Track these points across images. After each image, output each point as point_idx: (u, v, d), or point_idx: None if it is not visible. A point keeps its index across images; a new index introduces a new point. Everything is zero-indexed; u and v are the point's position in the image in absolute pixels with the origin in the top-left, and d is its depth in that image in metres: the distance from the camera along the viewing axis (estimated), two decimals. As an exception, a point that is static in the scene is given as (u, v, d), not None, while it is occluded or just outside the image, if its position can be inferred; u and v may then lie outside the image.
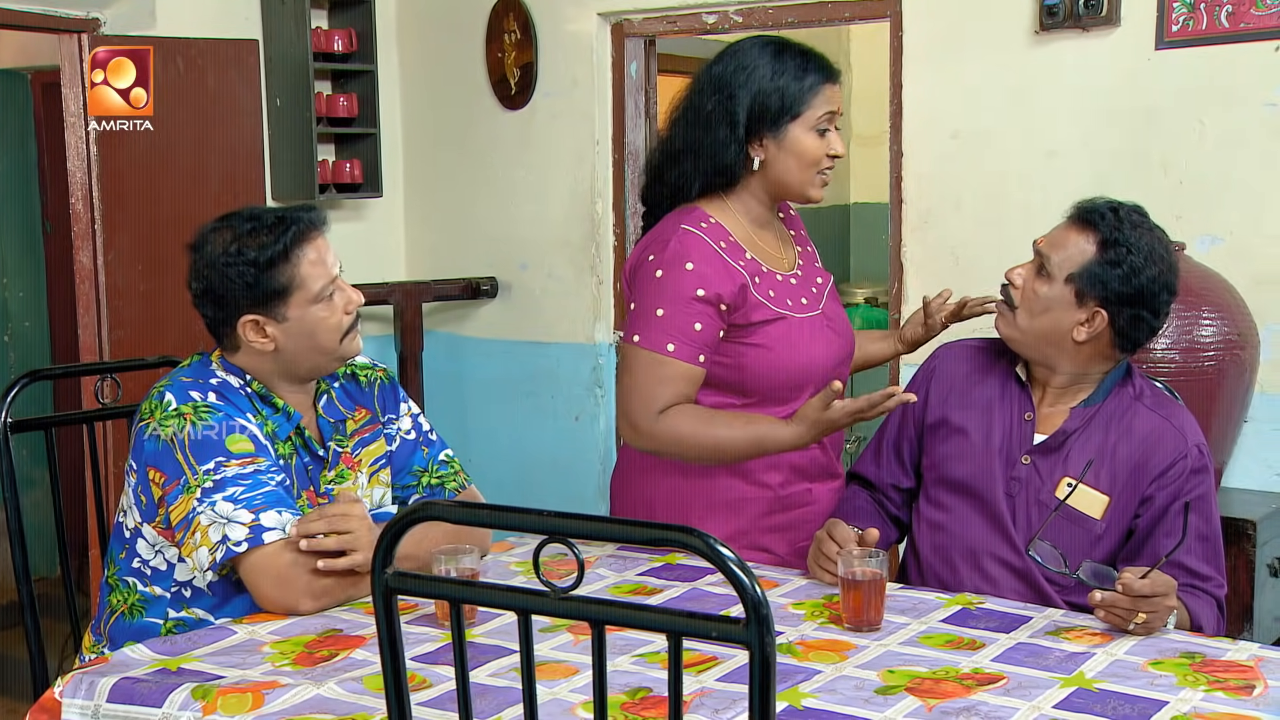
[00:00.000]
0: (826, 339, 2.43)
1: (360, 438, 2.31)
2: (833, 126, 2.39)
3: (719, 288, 2.32)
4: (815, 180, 2.40)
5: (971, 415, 2.31)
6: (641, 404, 2.32)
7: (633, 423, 2.34)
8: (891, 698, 1.71)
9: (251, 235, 2.14)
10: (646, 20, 4.35)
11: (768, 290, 2.38)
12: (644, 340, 2.32)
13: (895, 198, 3.90)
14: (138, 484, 2.13)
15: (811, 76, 2.36)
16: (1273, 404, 3.38)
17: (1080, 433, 2.22)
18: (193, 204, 4.07)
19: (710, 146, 2.37)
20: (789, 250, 2.50)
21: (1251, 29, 3.33)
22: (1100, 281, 2.17)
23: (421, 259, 4.90)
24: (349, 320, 2.20)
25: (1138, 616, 1.92)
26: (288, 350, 2.18)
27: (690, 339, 2.31)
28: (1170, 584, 1.97)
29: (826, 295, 2.50)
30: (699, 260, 2.32)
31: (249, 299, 2.14)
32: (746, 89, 2.35)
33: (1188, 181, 3.45)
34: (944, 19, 3.76)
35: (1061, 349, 2.22)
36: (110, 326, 4.07)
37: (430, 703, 1.71)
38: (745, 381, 2.37)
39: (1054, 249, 2.21)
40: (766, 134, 2.36)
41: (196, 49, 4.14)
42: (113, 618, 2.18)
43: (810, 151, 2.36)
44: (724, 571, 1.18)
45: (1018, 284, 2.24)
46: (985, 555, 2.25)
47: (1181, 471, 2.18)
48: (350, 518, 2.05)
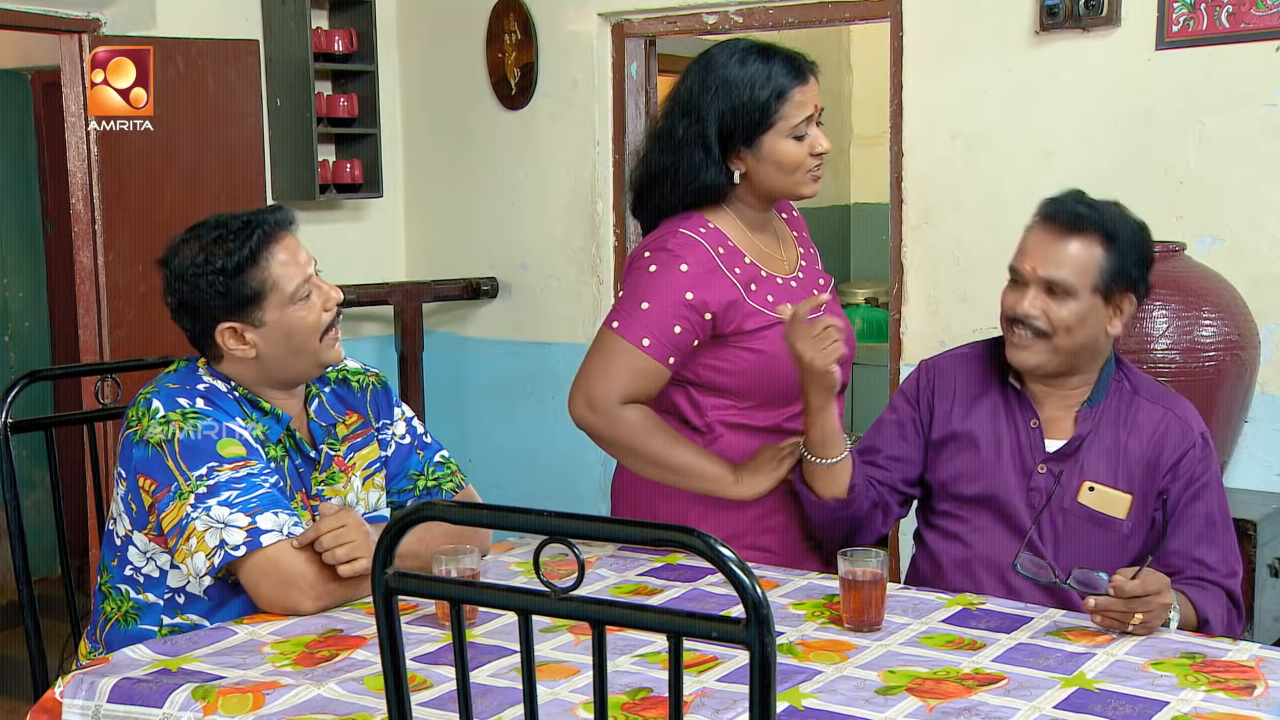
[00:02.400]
0: None
1: (351, 442, 2.30)
2: (812, 126, 2.34)
3: (707, 295, 2.31)
4: (805, 179, 2.35)
5: (977, 427, 2.28)
6: (605, 387, 2.32)
7: (591, 401, 2.33)
8: (892, 698, 1.71)
9: (218, 243, 2.11)
10: (647, 20, 4.35)
11: (766, 295, 2.36)
12: (622, 329, 2.32)
13: (895, 198, 3.91)
14: (127, 492, 2.12)
15: (779, 83, 2.30)
16: (1273, 404, 3.38)
17: (1092, 435, 2.21)
18: (193, 204, 4.07)
19: (689, 170, 2.34)
20: (790, 251, 2.50)
21: (1252, 29, 3.33)
22: (1121, 274, 2.15)
23: (422, 259, 4.90)
24: (328, 318, 2.18)
25: (1134, 617, 1.91)
26: (269, 355, 2.15)
27: (666, 339, 2.30)
28: (1163, 581, 1.95)
29: (830, 295, 2.49)
30: (694, 264, 2.31)
31: (223, 308, 2.12)
32: (714, 109, 2.31)
33: (1188, 182, 3.45)
34: (944, 19, 3.76)
35: (1094, 351, 2.20)
36: (110, 327, 4.07)
37: (431, 703, 1.71)
38: (743, 386, 2.36)
39: (1058, 266, 2.14)
40: (742, 149, 2.33)
41: (197, 49, 4.15)
42: (108, 625, 2.17)
43: (790, 158, 2.32)
44: (724, 572, 1.18)
45: (1037, 315, 2.15)
46: (1008, 567, 2.19)
47: (1191, 463, 2.18)
48: (347, 528, 2.05)
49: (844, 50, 6.14)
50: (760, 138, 2.31)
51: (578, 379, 2.36)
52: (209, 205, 3.93)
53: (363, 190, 4.62)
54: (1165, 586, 1.95)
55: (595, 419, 2.33)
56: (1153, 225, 3.33)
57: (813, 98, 2.34)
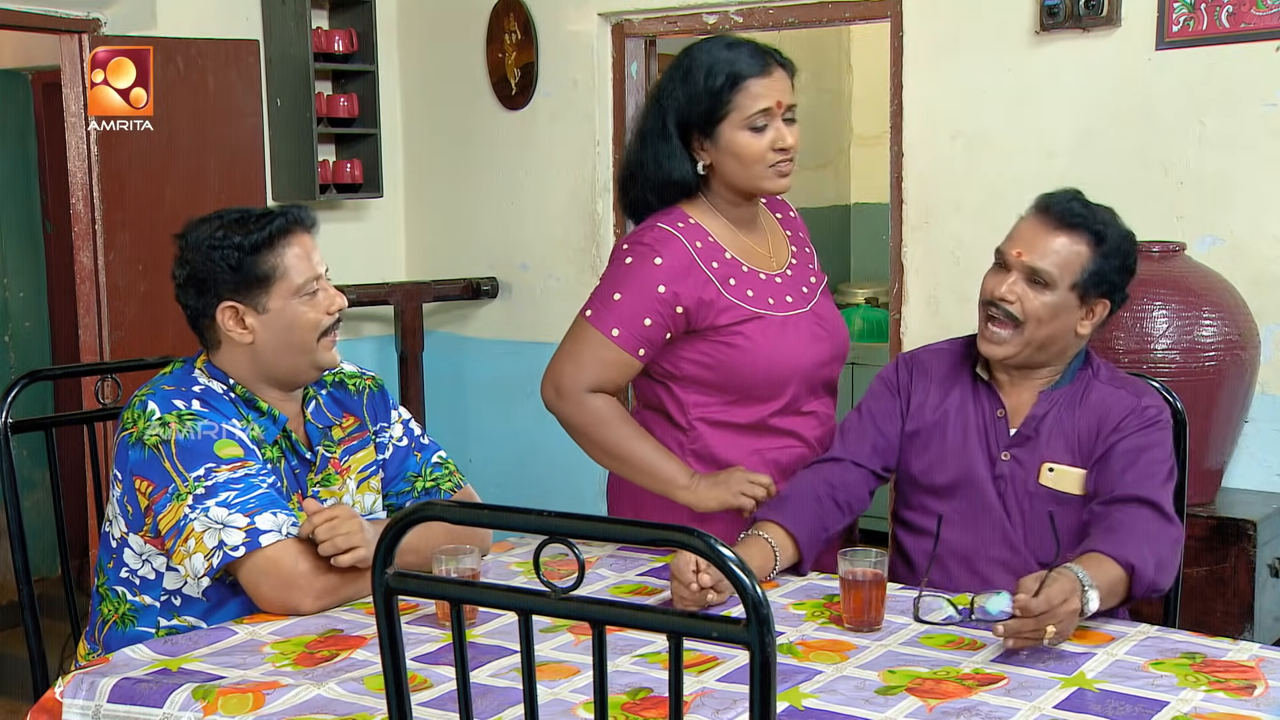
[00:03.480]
0: (812, 337, 2.43)
1: (347, 445, 2.30)
2: (775, 120, 2.32)
3: (680, 289, 2.33)
4: (767, 174, 2.35)
5: (946, 419, 2.31)
6: (574, 374, 2.37)
7: (559, 387, 2.38)
8: (892, 698, 1.71)
9: (239, 224, 2.15)
10: (647, 20, 4.35)
11: (745, 290, 2.38)
12: (594, 318, 2.36)
13: (896, 198, 3.91)
14: (123, 494, 2.12)
15: (736, 71, 2.31)
16: (1273, 404, 3.38)
17: (1048, 416, 2.24)
18: (194, 204, 4.06)
19: (654, 162, 2.38)
20: (780, 248, 2.50)
21: (1252, 29, 3.33)
22: (1102, 278, 2.18)
23: (422, 259, 4.90)
24: (329, 321, 2.19)
25: (1047, 631, 1.84)
26: (265, 346, 2.16)
27: (636, 331, 2.34)
28: (1067, 588, 1.87)
29: (820, 294, 2.50)
30: (669, 258, 2.34)
31: (231, 283, 2.13)
32: (674, 99, 2.35)
33: (1188, 182, 3.45)
34: (944, 19, 3.76)
35: (1061, 347, 2.22)
36: (110, 327, 4.07)
37: (431, 703, 1.71)
38: (723, 380, 2.38)
39: (1043, 256, 2.17)
40: (703, 139, 2.35)
41: (197, 49, 4.15)
42: (105, 627, 2.17)
43: (747, 149, 2.33)
44: (724, 572, 1.18)
45: (1013, 300, 2.19)
46: (980, 557, 2.25)
47: (1131, 423, 2.18)
48: (340, 519, 2.05)
49: (844, 50, 6.14)
50: (717, 127, 2.33)
51: (549, 364, 2.42)
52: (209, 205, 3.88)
53: (363, 190, 4.63)
54: (1071, 593, 1.87)
55: (561, 405, 2.39)
56: (1153, 225, 3.38)
57: (776, 92, 2.33)
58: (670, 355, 2.39)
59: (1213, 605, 3.07)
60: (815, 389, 2.45)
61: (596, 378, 2.36)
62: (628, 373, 2.39)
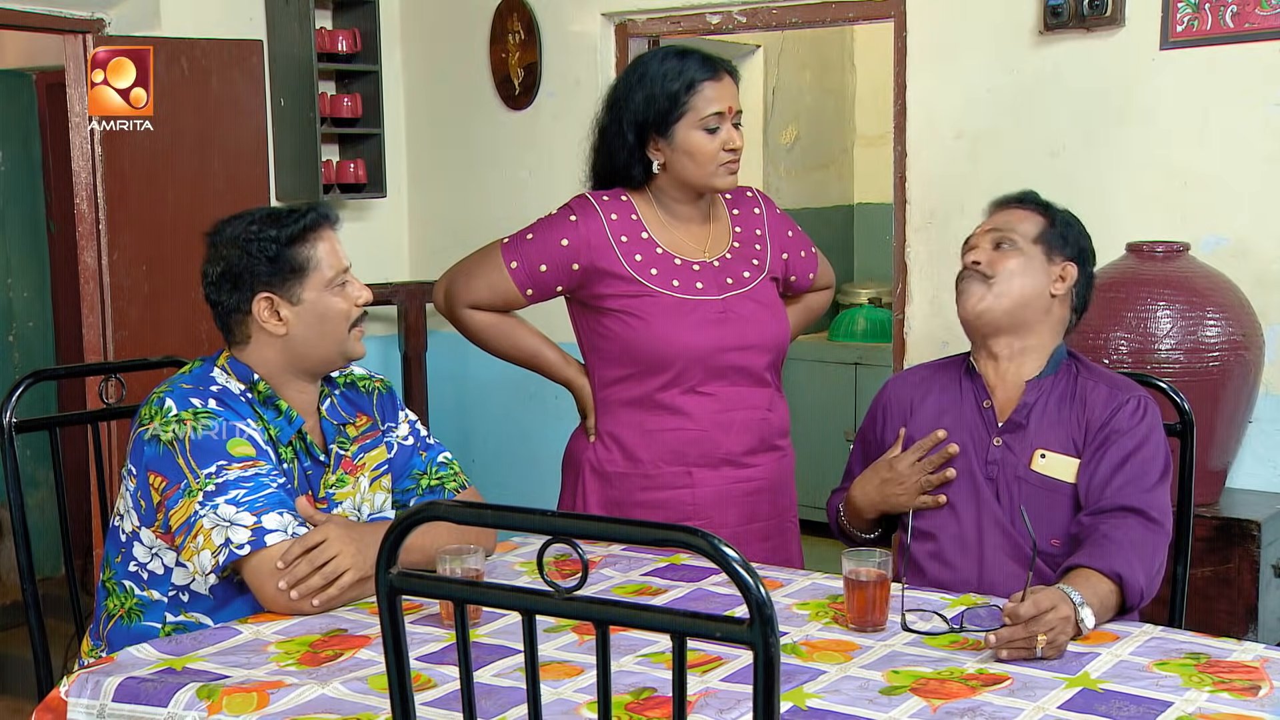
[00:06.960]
0: (715, 322, 2.52)
1: (362, 443, 2.32)
2: (727, 123, 2.50)
3: (581, 247, 2.53)
4: (718, 172, 2.52)
5: (935, 420, 2.35)
6: (464, 286, 2.59)
7: (448, 293, 2.61)
8: (896, 698, 1.71)
9: (271, 219, 2.20)
10: (650, 20, 4.35)
11: (650, 269, 2.52)
12: (504, 247, 2.58)
13: (899, 198, 3.90)
14: (137, 489, 2.13)
15: (689, 77, 2.49)
16: (1277, 405, 3.37)
17: (1039, 404, 2.28)
18: (197, 205, 4.08)
19: (608, 159, 2.60)
20: (720, 240, 2.61)
21: (1256, 29, 3.33)
22: (1064, 239, 2.31)
23: (425, 259, 4.90)
24: (357, 313, 2.25)
25: (1039, 640, 1.83)
26: (298, 337, 2.19)
27: (531, 272, 2.55)
28: (1055, 595, 1.88)
29: (757, 285, 2.58)
30: (583, 220, 2.55)
31: (268, 274, 2.17)
32: (632, 100, 2.53)
33: (1192, 182, 3.44)
34: (948, 19, 3.76)
35: (1037, 310, 2.28)
36: (114, 326, 4.07)
37: (435, 703, 1.71)
38: (617, 351, 2.54)
39: (1002, 225, 2.31)
40: (659, 139, 2.53)
41: (201, 49, 4.15)
42: (110, 622, 2.18)
43: (700, 148, 2.50)
44: (728, 572, 1.18)
45: (983, 259, 2.29)
46: (984, 545, 2.27)
47: (1121, 418, 2.22)
48: (328, 546, 2.05)
49: (847, 50, 6.13)
50: (673, 127, 2.50)
51: (451, 269, 2.65)
52: (212, 205, 3.93)
53: (366, 190, 4.63)
54: (1059, 600, 1.88)
55: (444, 308, 2.65)
56: (1157, 225, 3.38)
57: (726, 96, 2.51)
58: (585, 326, 2.60)
59: (1217, 606, 3.07)
60: (722, 372, 2.53)
61: (482, 298, 2.58)
62: (512, 305, 2.59)
